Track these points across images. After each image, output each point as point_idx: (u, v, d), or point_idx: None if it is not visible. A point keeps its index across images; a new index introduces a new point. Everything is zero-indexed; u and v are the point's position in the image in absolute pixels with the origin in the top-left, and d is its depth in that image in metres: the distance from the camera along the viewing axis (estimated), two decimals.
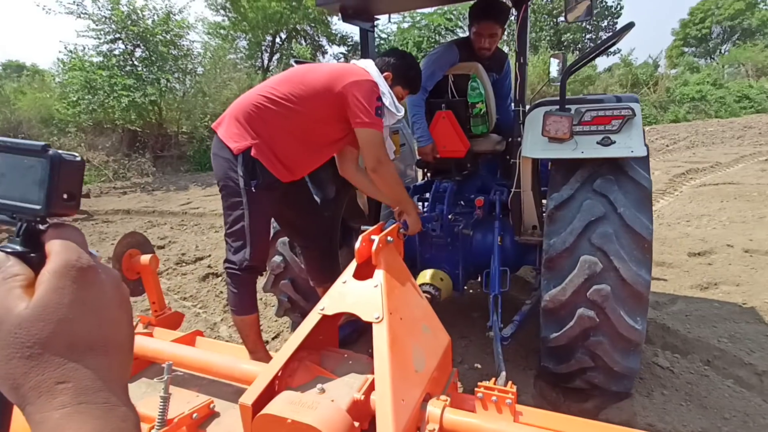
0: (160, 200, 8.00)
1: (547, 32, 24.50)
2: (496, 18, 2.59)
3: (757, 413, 2.08)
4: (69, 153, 0.41)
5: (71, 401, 0.33)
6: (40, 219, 0.41)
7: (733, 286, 3.43)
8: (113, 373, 0.37)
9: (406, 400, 1.39)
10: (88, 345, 0.36)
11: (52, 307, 0.35)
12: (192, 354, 1.90)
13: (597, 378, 2.00)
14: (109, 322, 0.38)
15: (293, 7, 15.93)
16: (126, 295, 0.42)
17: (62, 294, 0.36)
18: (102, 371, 0.36)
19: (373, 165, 1.95)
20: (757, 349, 2.56)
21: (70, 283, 0.36)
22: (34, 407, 0.33)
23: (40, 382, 0.33)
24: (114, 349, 0.38)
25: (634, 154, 1.84)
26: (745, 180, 7.07)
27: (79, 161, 0.42)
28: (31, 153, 0.40)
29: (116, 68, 10.00)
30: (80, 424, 0.33)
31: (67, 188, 0.41)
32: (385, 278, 1.60)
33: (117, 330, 0.39)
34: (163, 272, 4.37)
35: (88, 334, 0.36)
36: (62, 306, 0.35)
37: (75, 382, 0.34)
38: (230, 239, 2.00)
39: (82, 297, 0.37)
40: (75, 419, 0.33)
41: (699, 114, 19.32)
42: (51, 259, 0.37)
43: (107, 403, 0.35)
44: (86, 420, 0.33)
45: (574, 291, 1.89)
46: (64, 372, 0.34)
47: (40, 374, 0.33)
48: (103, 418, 0.34)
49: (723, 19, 34.41)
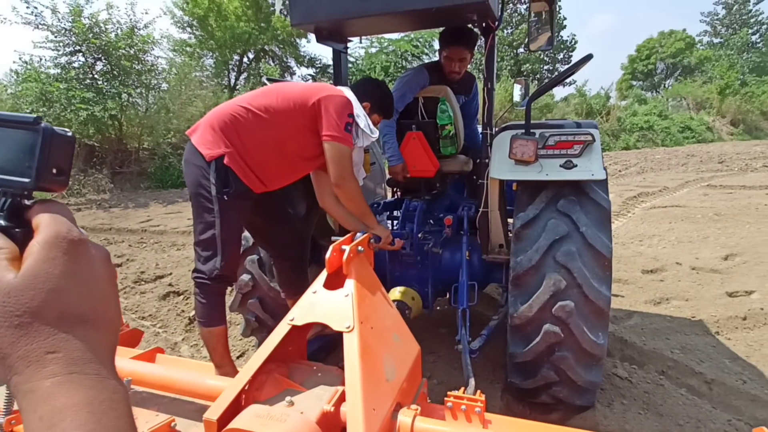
0: (118, 217, 7.67)
1: (507, 62, 25.73)
2: (466, 43, 2.71)
3: (708, 419, 2.19)
4: (61, 128, 0.42)
5: (62, 371, 0.33)
6: (27, 193, 0.40)
7: (683, 301, 3.64)
8: (103, 347, 0.36)
9: (377, 409, 1.38)
10: (79, 317, 0.36)
11: (42, 276, 0.35)
12: (152, 371, 1.81)
13: (562, 393, 2.04)
14: (100, 295, 0.38)
15: (262, 27, 16.02)
16: (114, 272, 0.41)
17: (53, 264, 0.35)
18: (92, 343, 0.35)
19: (337, 179, 1.96)
20: (706, 359, 2.72)
21: (61, 254, 0.36)
22: (22, 377, 0.32)
23: (29, 352, 0.33)
24: (104, 324, 0.38)
25: (594, 177, 1.94)
26: (690, 203, 7.58)
27: (71, 136, 0.42)
28: (23, 126, 0.40)
29: (75, 81, 9.65)
30: (71, 392, 0.32)
31: (57, 163, 0.41)
32: (356, 288, 1.60)
33: (107, 304, 0.39)
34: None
35: (79, 305, 0.36)
36: (53, 276, 0.35)
37: (65, 352, 0.34)
38: (200, 248, 1.95)
39: (73, 269, 0.36)
40: (66, 387, 0.32)
41: (647, 142, 20.67)
42: (40, 231, 0.37)
43: (98, 375, 0.34)
44: (77, 389, 0.33)
45: (540, 307, 1.94)
46: (55, 342, 0.33)
47: (30, 343, 0.33)
48: (95, 389, 0.34)
49: (666, 56, 37.36)
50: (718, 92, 25.46)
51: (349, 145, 1.96)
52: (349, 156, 1.97)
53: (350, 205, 2.12)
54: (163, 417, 1.71)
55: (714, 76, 28.06)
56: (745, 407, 2.29)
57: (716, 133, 23.64)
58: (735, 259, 4.63)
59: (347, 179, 1.97)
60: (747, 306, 3.44)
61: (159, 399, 1.89)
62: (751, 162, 12.88)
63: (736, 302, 3.56)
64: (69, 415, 0.32)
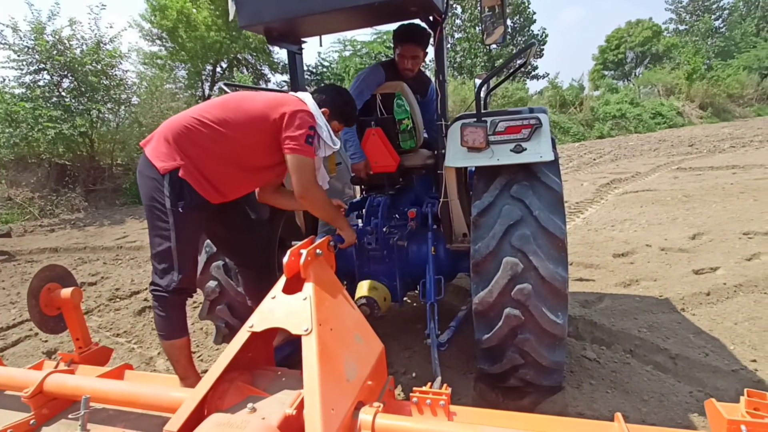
0: (93, 236, 7.53)
1: (481, 58, 25.98)
2: (418, 41, 2.76)
3: (671, 392, 2.26)
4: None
5: None
6: None
7: (652, 281, 3.74)
8: None
9: (336, 409, 1.40)
10: None
11: None
12: (115, 387, 1.80)
13: (528, 374, 2.09)
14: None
15: (233, 36, 15.87)
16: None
17: None
18: None
19: (300, 191, 1.95)
20: (671, 336, 2.80)
21: None
22: None
23: None
24: None
25: (542, 159, 1.99)
26: (660, 187, 7.78)
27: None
28: None
29: (41, 99, 9.44)
30: None
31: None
32: (315, 291, 1.62)
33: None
34: (93, 309, 4.10)
35: None
36: None
37: None
38: (156, 261, 1.93)
39: None
40: None
41: (621, 130, 21.10)
42: None
43: None
44: None
45: (500, 292, 1.98)
46: None
47: None
48: None
49: (634, 45, 38.28)
50: (685, 77, 26.10)
51: (311, 156, 1.96)
52: (311, 167, 1.97)
53: (318, 212, 2.13)
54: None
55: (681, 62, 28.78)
56: (707, 379, 2.37)
57: (686, 117, 24.26)
58: (702, 237, 4.77)
59: (311, 189, 1.97)
60: (711, 282, 3.55)
61: (126, 416, 1.88)
62: (719, 144, 13.28)
63: (701, 279, 3.67)
64: None
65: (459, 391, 2.33)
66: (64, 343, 3.36)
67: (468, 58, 26.59)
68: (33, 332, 3.57)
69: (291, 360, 2.53)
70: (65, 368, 2.08)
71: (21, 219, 8.93)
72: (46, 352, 3.27)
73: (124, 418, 1.86)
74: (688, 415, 2.12)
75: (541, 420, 1.56)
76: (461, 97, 17.11)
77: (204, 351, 3.16)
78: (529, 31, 29.59)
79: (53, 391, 1.83)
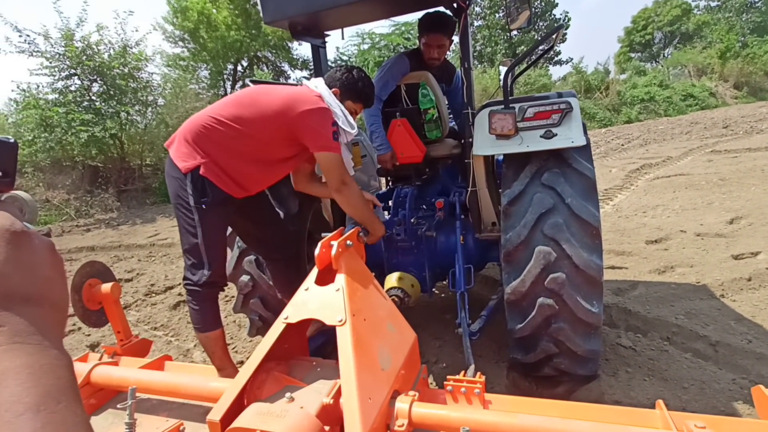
0: (126, 234, 7.80)
1: (502, 46, 25.47)
2: (444, 30, 2.72)
3: (712, 380, 2.20)
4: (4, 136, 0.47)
5: (6, 341, 0.37)
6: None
7: (688, 267, 3.62)
8: (47, 323, 0.41)
9: (373, 398, 1.41)
10: (23, 297, 0.40)
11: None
12: (158, 378, 1.87)
13: (563, 364, 2.06)
14: (43, 280, 0.42)
15: (253, 35, 16.07)
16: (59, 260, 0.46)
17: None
18: (36, 320, 0.39)
19: (337, 186, 1.97)
20: (710, 323, 2.71)
21: (4, 244, 0.40)
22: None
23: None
24: (48, 304, 0.42)
25: (574, 144, 1.95)
26: (694, 171, 7.49)
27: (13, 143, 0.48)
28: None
29: (73, 104, 9.79)
30: (15, 357, 0.36)
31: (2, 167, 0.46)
32: (347, 281, 1.63)
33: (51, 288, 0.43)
34: (131, 304, 4.25)
35: (23, 288, 0.40)
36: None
37: (10, 326, 0.38)
38: (187, 257, 2.00)
39: (17, 256, 0.40)
40: (9, 354, 0.36)
41: (649, 114, 20.37)
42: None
43: (40, 344, 0.38)
44: (20, 355, 0.37)
45: (533, 281, 1.95)
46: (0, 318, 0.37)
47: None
48: (36, 355, 0.38)
49: (663, 25, 36.69)
50: (718, 56, 24.95)
51: (339, 152, 1.97)
52: (342, 162, 1.98)
53: (351, 210, 2.12)
54: (173, 422, 1.77)
55: (713, 41, 27.50)
56: (751, 366, 2.29)
57: (720, 98, 23.21)
58: (740, 222, 4.58)
59: (347, 184, 1.98)
60: (752, 267, 3.41)
61: (169, 405, 1.95)
62: (756, 124, 12.66)
63: (742, 264, 3.53)
64: (11, 375, 0.35)
65: (492, 380, 2.33)
66: (106, 337, 3.50)
67: (488, 46, 26.11)
68: (76, 327, 3.73)
69: (324, 350, 2.57)
70: (109, 360, 2.17)
71: (59, 220, 9.32)
72: (90, 345, 3.42)
73: (168, 408, 1.93)
74: (731, 402, 2.05)
75: (580, 407, 1.53)
76: (482, 86, 16.84)
77: (238, 343, 3.24)
78: (551, 16, 28.79)
79: (99, 382, 1.91)
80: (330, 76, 2.10)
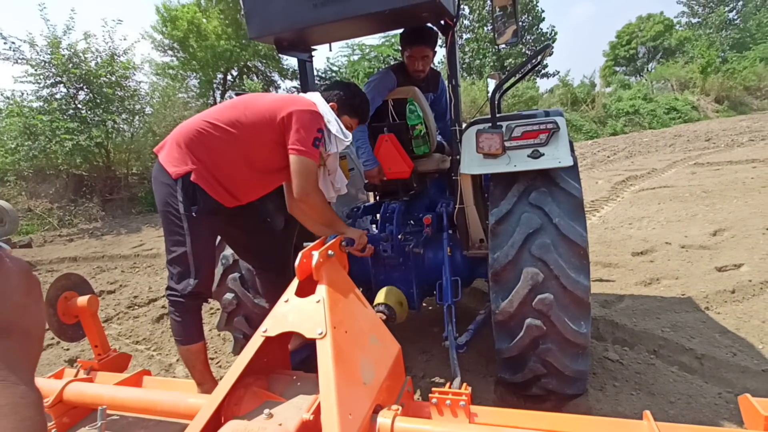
0: (110, 244, 7.65)
1: (490, 58, 25.85)
2: (427, 42, 2.73)
3: (699, 394, 2.19)
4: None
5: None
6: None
7: (673, 280, 3.64)
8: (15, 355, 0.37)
9: (354, 414, 1.37)
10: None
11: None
12: (134, 395, 1.81)
13: (551, 384, 2.04)
14: (14, 307, 0.39)
15: (243, 44, 16.07)
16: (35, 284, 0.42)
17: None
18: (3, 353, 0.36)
19: (300, 194, 1.92)
20: (696, 335, 2.72)
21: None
22: None
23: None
24: (19, 334, 0.38)
25: (561, 164, 1.94)
26: (678, 183, 7.61)
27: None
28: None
29: (58, 112, 9.65)
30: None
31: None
32: (328, 292, 1.60)
33: (23, 316, 0.39)
34: (113, 317, 4.15)
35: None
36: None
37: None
38: (172, 266, 1.94)
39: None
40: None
41: (634, 126, 20.77)
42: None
43: (4, 381, 0.35)
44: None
45: (521, 302, 1.94)
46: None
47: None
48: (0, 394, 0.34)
49: (646, 40, 37.66)
50: (700, 71, 25.59)
51: (315, 159, 1.93)
52: (314, 170, 1.95)
53: (316, 216, 2.09)
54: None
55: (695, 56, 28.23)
56: (736, 379, 2.30)
57: (702, 111, 23.77)
58: (723, 234, 4.64)
59: (310, 193, 1.94)
60: (736, 279, 3.44)
61: (144, 423, 1.89)
62: (737, 137, 12.95)
63: (725, 276, 3.56)
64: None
65: (479, 394, 2.29)
66: (86, 351, 3.39)
67: (477, 59, 26.48)
68: (55, 341, 3.61)
69: (309, 363, 2.52)
70: (85, 376, 2.09)
71: (41, 229, 9.12)
72: (68, 359, 3.31)
73: (144, 425, 1.87)
74: (717, 416, 2.05)
75: (567, 419, 1.51)
76: (471, 98, 17.02)
77: (222, 357, 3.17)
78: (539, 30, 29.33)
79: (73, 400, 1.85)
80: (326, 93, 2.10)
